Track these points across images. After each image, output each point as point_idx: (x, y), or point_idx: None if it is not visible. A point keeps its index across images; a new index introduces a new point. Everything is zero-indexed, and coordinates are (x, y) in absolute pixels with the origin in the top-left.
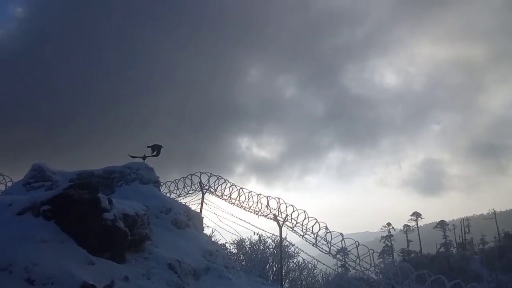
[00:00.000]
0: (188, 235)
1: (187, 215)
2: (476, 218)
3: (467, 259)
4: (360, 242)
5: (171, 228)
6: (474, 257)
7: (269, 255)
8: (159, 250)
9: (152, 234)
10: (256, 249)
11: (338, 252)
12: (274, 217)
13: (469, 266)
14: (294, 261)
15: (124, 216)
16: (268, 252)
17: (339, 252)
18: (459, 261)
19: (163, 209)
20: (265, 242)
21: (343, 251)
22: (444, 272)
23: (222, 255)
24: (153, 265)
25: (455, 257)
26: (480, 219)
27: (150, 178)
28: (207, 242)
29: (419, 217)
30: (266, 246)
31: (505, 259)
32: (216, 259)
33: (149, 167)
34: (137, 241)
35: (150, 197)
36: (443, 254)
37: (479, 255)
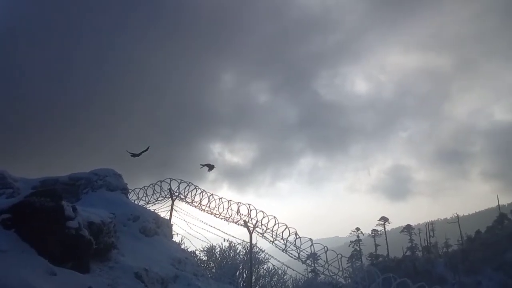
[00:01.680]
0: (157, 243)
1: (156, 222)
2: (441, 222)
3: (432, 262)
4: (330, 247)
5: (139, 236)
6: (438, 260)
7: (239, 262)
8: (126, 259)
9: (119, 243)
10: (226, 256)
11: (308, 258)
12: (244, 224)
13: (434, 269)
14: (264, 267)
15: (89, 224)
16: (238, 259)
17: (309, 258)
18: (424, 264)
19: (131, 217)
20: (236, 248)
21: (313, 257)
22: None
23: (191, 262)
24: (119, 275)
25: (421, 260)
26: (444, 223)
27: (118, 185)
28: (176, 249)
29: (386, 221)
30: (236, 252)
31: (467, 262)
32: (185, 266)
33: (117, 173)
34: (102, 250)
35: (118, 204)
36: (409, 258)
37: (443, 258)
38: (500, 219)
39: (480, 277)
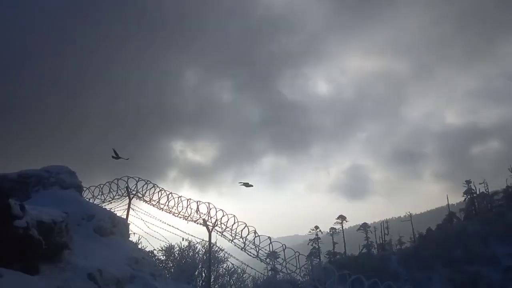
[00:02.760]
0: (112, 243)
1: (111, 221)
2: (395, 221)
3: (386, 259)
4: (290, 245)
5: (93, 236)
6: (392, 257)
7: (198, 261)
8: (79, 260)
9: (72, 243)
10: (186, 255)
11: (268, 256)
12: (203, 222)
13: (388, 266)
14: (223, 266)
15: (38, 224)
16: (197, 258)
17: (269, 256)
18: (379, 261)
19: (85, 216)
20: (195, 248)
21: (272, 255)
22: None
23: (148, 262)
24: (71, 276)
25: (376, 257)
26: (398, 221)
27: (72, 182)
28: (133, 249)
29: (344, 220)
30: (195, 252)
31: (419, 258)
32: (142, 267)
33: (70, 170)
34: (53, 251)
35: (71, 203)
36: (365, 255)
37: (396, 255)
38: (450, 218)
39: (431, 273)
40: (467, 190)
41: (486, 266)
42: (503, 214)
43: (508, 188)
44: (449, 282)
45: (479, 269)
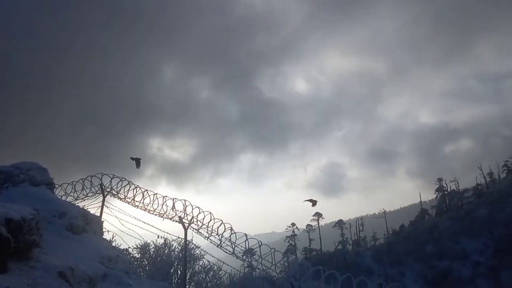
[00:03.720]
0: (85, 241)
1: (84, 219)
2: (370, 217)
3: (361, 255)
4: (267, 242)
5: (65, 234)
6: (366, 253)
7: (174, 259)
8: (49, 258)
9: (42, 241)
10: (161, 253)
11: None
12: (179, 220)
13: (362, 261)
14: (199, 264)
15: (7, 221)
16: (173, 256)
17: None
18: (354, 257)
19: (56, 213)
20: (171, 245)
21: (249, 252)
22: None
23: (122, 260)
24: (41, 274)
25: (351, 253)
26: (373, 218)
27: (43, 179)
28: (106, 247)
29: (320, 217)
30: (171, 249)
31: (392, 254)
32: (115, 265)
33: (41, 167)
34: (23, 249)
35: (42, 200)
36: (340, 251)
37: (371, 251)
38: (422, 214)
39: (404, 268)
40: (438, 187)
41: (456, 261)
42: (472, 211)
43: (478, 186)
44: (420, 277)
45: (449, 264)
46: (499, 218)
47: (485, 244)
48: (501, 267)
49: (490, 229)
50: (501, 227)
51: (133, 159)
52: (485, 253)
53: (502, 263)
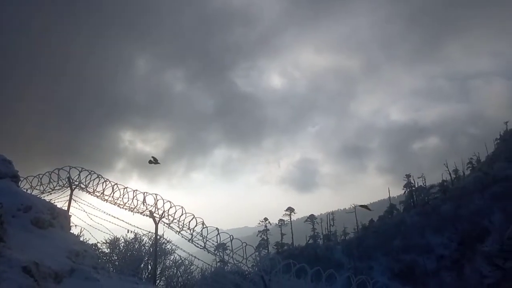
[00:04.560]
0: (51, 235)
1: (51, 213)
2: (340, 212)
3: (331, 249)
4: (239, 237)
5: (30, 228)
6: (337, 247)
7: (144, 253)
8: (13, 252)
9: (6, 235)
10: (131, 248)
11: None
12: (150, 214)
13: (333, 255)
14: (171, 259)
15: None
16: (144, 250)
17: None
18: (324, 251)
19: (21, 207)
20: (141, 240)
21: (221, 246)
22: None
23: (90, 255)
24: (4, 269)
25: (321, 247)
26: (343, 213)
27: (7, 172)
28: (74, 242)
29: (292, 212)
30: (142, 244)
31: (361, 248)
32: (83, 260)
33: (5, 159)
34: None
35: (6, 193)
36: (311, 245)
37: (341, 245)
38: (390, 210)
39: (372, 262)
40: (406, 183)
41: (421, 255)
42: (438, 206)
43: (443, 182)
44: (388, 270)
45: (415, 257)
46: (463, 214)
47: (449, 238)
48: (464, 261)
49: (454, 224)
50: (464, 222)
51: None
52: (449, 247)
53: (465, 257)
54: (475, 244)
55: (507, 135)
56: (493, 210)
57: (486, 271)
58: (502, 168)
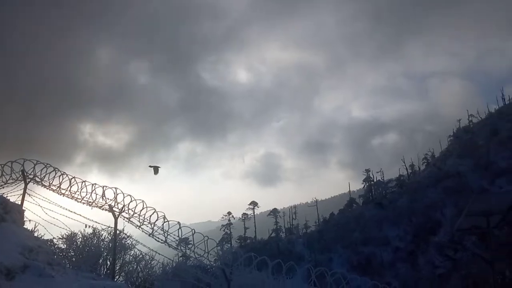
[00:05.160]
0: (3, 231)
1: (3, 207)
2: (303, 206)
3: (293, 242)
4: (202, 231)
5: None
6: (298, 240)
7: (103, 249)
8: None
9: None
10: (89, 243)
11: (179, 242)
12: (109, 208)
13: (294, 249)
14: (131, 254)
15: None
16: (103, 246)
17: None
18: (286, 244)
19: None
20: (100, 235)
21: (184, 241)
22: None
23: (45, 251)
24: None
25: (284, 241)
26: (305, 207)
27: None
28: (27, 237)
29: (256, 206)
30: (101, 239)
31: (322, 241)
32: (37, 256)
33: None
34: None
35: None
36: (274, 239)
37: (302, 238)
38: (350, 203)
39: (332, 254)
40: (366, 178)
41: (379, 247)
42: (395, 200)
43: (400, 177)
44: (347, 262)
45: (373, 249)
46: (418, 207)
47: (405, 231)
48: (418, 252)
49: (409, 217)
50: (419, 215)
51: (151, 167)
52: (405, 239)
53: (419, 248)
54: (428, 236)
55: (460, 133)
56: (445, 203)
57: (438, 261)
58: (454, 164)
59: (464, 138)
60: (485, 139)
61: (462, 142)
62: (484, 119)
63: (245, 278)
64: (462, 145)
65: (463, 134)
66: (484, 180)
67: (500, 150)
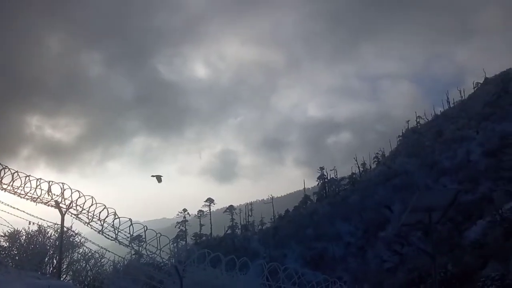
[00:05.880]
0: None
1: None
2: (259, 203)
3: (248, 239)
4: (157, 228)
5: None
6: (254, 236)
7: (49, 247)
8: None
9: None
10: (34, 241)
11: (131, 239)
12: (56, 204)
13: (250, 245)
14: (79, 252)
15: None
16: (49, 244)
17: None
18: (242, 241)
19: None
20: (46, 232)
21: (138, 238)
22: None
23: None
24: None
25: (239, 237)
26: (261, 204)
27: None
28: None
29: (212, 202)
30: (47, 237)
31: (277, 237)
32: None
33: None
34: None
35: None
36: (230, 236)
37: (258, 235)
38: (305, 200)
39: (286, 250)
40: (320, 175)
41: (331, 242)
42: (347, 197)
43: (353, 175)
44: (300, 258)
45: (326, 245)
46: (368, 204)
47: (356, 226)
48: (367, 247)
49: (360, 213)
50: (369, 211)
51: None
52: (356, 234)
53: (369, 243)
54: (378, 231)
55: (408, 133)
56: (393, 200)
57: (386, 256)
58: (402, 163)
59: (412, 138)
60: (431, 139)
61: (410, 142)
62: (431, 121)
63: (199, 275)
64: (410, 145)
65: (411, 135)
66: (429, 178)
67: (445, 150)
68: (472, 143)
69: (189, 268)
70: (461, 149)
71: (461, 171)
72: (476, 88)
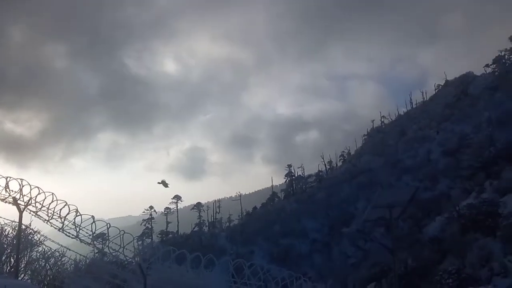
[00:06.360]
0: None
1: None
2: (227, 200)
3: (216, 236)
4: (123, 226)
5: None
6: (221, 234)
7: (6, 245)
8: None
9: None
10: None
11: (95, 237)
12: (14, 201)
13: (217, 242)
14: (38, 250)
15: None
16: (6, 242)
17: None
18: (209, 238)
19: None
20: (3, 230)
21: (102, 236)
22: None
23: None
24: None
25: (206, 235)
26: (229, 201)
27: None
28: None
29: (179, 200)
30: (4, 235)
31: (244, 234)
32: None
33: None
34: None
35: None
36: (197, 233)
37: (225, 232)
38: (272, 197)
39: (253, 247)
40: (288, 173)
41: (297, 239)
42: (313, 194)
43: (319, 172)
44: (267, 254)
45: (292, 241)
46: (334, 201)
47: (322, 223)
48: (333, 243)
49: (326, 210)
50: (335, 208)
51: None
52: (321, 231)
53: (334, 240)
54: (342, 228)
55: (373, 132)
56: (358, 197)
57: (350, 251)
58: (367, 161)
59: (377, 137)
60: (394, 139)
61: (375, 141)
62: (394, 121)
63: (163, 273)
64: (375, 144)
65: (376, 134)
66: (392, 176)
67: (407, 149)
68: (432, 142)
69: (154, 266)
70: (422, 149)
71: (421, 169)
72: (437, 90)
